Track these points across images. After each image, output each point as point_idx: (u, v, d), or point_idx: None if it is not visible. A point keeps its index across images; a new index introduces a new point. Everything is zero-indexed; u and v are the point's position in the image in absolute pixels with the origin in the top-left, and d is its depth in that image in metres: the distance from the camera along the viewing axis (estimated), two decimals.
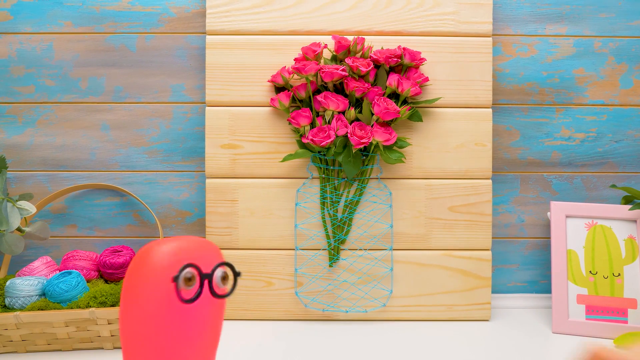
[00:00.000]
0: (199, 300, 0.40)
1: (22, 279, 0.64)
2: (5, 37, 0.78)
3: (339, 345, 0.67)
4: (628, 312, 0.70)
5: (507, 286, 0.82)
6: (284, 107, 0.71)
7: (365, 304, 0.74)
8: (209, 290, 0.40)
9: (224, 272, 0.41)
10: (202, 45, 0.78)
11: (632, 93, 0.80)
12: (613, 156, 0.81)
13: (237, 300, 0.74)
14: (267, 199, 0.74)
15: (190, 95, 0.79)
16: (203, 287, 0.40)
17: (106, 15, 0.78)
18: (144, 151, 0.80)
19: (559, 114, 0.80)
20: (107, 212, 0.80)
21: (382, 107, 0.68)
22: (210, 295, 0.41)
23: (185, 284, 0.39)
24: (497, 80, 0.80)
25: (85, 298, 0.63)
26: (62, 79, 0.79)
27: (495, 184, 0.81)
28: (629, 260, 0.72)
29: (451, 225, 0.74)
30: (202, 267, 0.40)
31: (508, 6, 0.79)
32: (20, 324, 0.62)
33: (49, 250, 0.80)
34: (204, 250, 0.42)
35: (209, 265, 0.41)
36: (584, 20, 0.79)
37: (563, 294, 0.72)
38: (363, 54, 0.72)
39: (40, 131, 0.79)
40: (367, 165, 0.73)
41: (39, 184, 0.80)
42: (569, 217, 0.75)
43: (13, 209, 0.67)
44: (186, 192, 0.80)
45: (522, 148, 0.81)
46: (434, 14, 0.73)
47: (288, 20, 0.74)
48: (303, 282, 0.74)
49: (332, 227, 0.73)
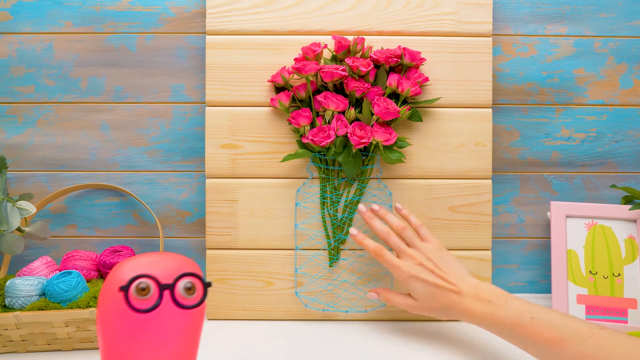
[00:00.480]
0: (159, 311, 0.41)
1: (22, 279, 0.64)
2: (5, 37, 0.78)
3: (339, 345, 0.67)
4: (628, 312, 0.71)
5: (507, 286, 0.82)
6: (284, 107, 0.71)
7: (365, 304, 0.74)
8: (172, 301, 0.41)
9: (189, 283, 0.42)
10: (202, 45, 0.79)
11: (632, 93, 0.80)
12: (613, 156, 0.81)
13: (237, 300, 0.74)
14: (267, 199, 0.74)
15: (190, 95, 0.79)
16: (162, 297, 0.40)
17: (106, 15, 0.78)
18: (144, 151, 0.80)
19: (559, 114, 0.80)
20: (107, 212, 0.80)
21: (382, 107, 0.68)
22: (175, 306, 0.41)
23: (139, 294, 0.40)
24: (497, 80, 0.80)
25: (85, 298, 0.63)
26: (62, 79, 0.79)
27: (495, 184, 0.81)
28: (629, 260, 0.72)
29: (451, 225, 0.74)
30: (162, 278, 0.41)
31: (508, 6, 0.79)
32: (20, 324, 0.62)
33: (49, 250, 0.80)
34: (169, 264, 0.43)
35: (171, 277, 0.42)
36: (584, 20, 0.79)
37: (563, 294, 0.72)
38: (363, 54, 0.72)
39: (40, 131, 0.79)
40: (367, 165, 0.73)
41: (39, 184, 0.80)
42: (569, 217, 0.75)
43: (13, 209, 0.67)
44: (186, 192, 0.80)
45: (522, 148, 0.81)
46: (434, 14, 0.73)
47: (288, 20, 0.74)
48: (303, 282, 0.74)
49: (332, 227, 0.73)
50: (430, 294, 0.62)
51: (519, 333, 0.54)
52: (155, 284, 0.41)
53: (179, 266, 0.43)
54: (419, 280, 0.63)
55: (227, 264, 0.74)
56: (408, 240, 0.66)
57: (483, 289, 0.60)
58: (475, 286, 0.61)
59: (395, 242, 0.66)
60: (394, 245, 0.66)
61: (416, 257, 0.64)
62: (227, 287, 0.74)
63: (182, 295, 0.41)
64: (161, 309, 0.41)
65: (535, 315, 0.54)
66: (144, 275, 0.41)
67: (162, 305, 0.41)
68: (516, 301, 0.57)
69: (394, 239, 0.66)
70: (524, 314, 0.55)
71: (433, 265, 0.63)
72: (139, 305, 0.40)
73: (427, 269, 0.63)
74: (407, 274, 0.63)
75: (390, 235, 0.67)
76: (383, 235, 0.67)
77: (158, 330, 0.41)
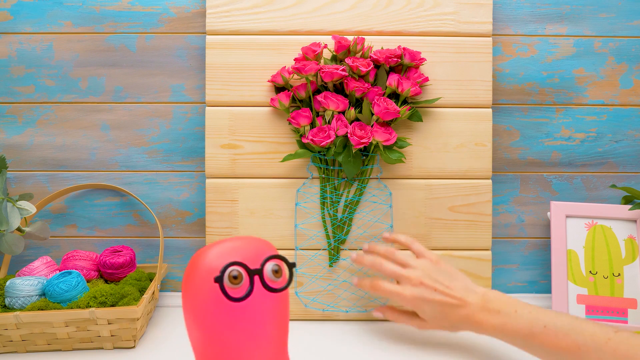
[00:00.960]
0: (252, 297, 0.40)
1: (22, 279, 0.64)
2: (5, 37, 0.78)
3: (339, 345, 0.67)
4: (628, 312, 0.71)
5: (507, 286, 0.82)
6: (284, 107, 0.71)
7: (365, 304, 0.74)
8: (262, 286, 0.40)
9: (276, 266, 0.41)
10: (202, 45, 0.78)
11: (632, 93, 0.80)
12: (613, 156, 0.81)
13: None
14: (267, 199, 0.74)
15: (190, 95, 0.79)
16: (254, 283, 0.40)
17: (106, 15, 0.78)
18: (144, 151, 0.80)
19: (559, 114, 0.80)
20: (107, 212, 0.80)
21: (382, 107, 0.68)
22: (265, 290, 0.41)
23: (232, 282, 0.39)
24: (497, 80, 0.80)
25: (85, 298, 0.63)
26: (62, 79, 0.79)
27: (495, 184, 0.81)
28: (629, 260, 0.72)
29: (451, 225, 0.74)
30: (250, 263, 0.41)
31: (508, 6, 0.79)
32: (20, 324, 0.62)
33: (49, 250, 0.80)
34: (251, 248, 0.42)
35: (258, 262, 0.41)
36: (584, 20, 0.79)
37: (563, 294, 0.72)
38: (363, 54, 0.72)
39: (40, 131, 0.79)
40: (367, 165, 0.73)
41: (39, 184, 0.80)
42: (569, 217, 0.75)
43: (13, 209, 0.67)
44: (186, 192, 0.80)
45: (522, 148, 0.81)
46: (434, 14, 0.73)
47: (288, 20, 0.74)
48: (303, 282, 0.74)
49: (332, 227, 0.73)
50: (437, 313, 0.59)
51: (533, 343, 0.53)
52: (245, 270, 0.40)
53: (262, 249, 0.43)
54: (424, 301, 0.60)
55: None
56: (401, 261, 0.63)
57: (490, 298, 0.58)
58: (482, 296, 0.59)
59: (389, 267, 0.63)
60: (389, 272, 0.63)
61: (415, 277, 0.61)
62: None
63: (271, 278, 0.41)
64: (253, 295, 0.40)
65: (548, 323, 0.53)
66: (234, 263, 0.40)
67: (255, 291, 0.40)
68: (525, 309, 0.56)
69: (387, 265, 0.64)
70: (536, 322, 0.54)
71: (434, 282, 0.60)
72: (234, 294, 0.39)
73: (429, 287, 0.60)
74: (410, 298, 0.60)
75: (382, 263, 0.64)
76: (376, 266, 0.64)
77: (253, 316, 0.40)
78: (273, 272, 0.41)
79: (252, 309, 0.41)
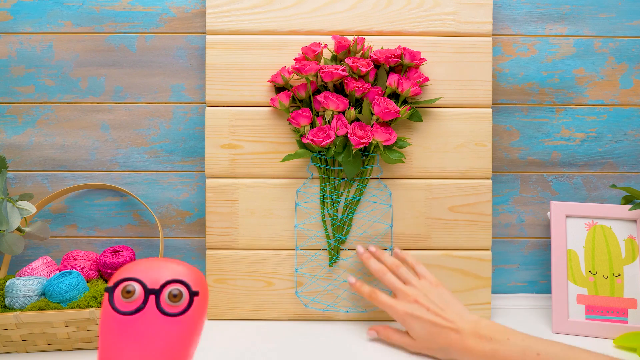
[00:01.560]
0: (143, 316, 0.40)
1: (22, 279, 0.64)
2: (5, 37, 0.78)
3: (339, 345, 0.67)
4: (628, 312, 0.71)
5: (507, 286, 0.82)
6: (284, 107, 0.71)
7: (366, 304, 0.74)
8: (155, 307, 0.41)
9: (176, 290, 0.41)
10: (202, 45, 0.79)
11: (632, 93, 0.80)
12: (613, 156, 0.81)
13: (237, 300, 0.74)
14: (267, 199, 0.74)
15: (190, 95, 0.79)
16: (147, 302, 0.40)
17: (106, 15, 0.78)
18: (144, 151, 0.80)
19: (559, 114, 0.80)
20: (107, 212, 0.80)
21: (382, 107, 0.68)
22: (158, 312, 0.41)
23: (124, 296, 0.40)
24: (497, 80, 0.80)
25: (85, 298, 0.63)
26: (62, 79, 0.79)
27: (495, 184, 0.81)
28: (629, 260, 0.72)
29: (451, 225, 0.74)
30: (150, 283, 0.41)
31: (508, 6, 0.79)
32: (20, 324, 0.62)
33: (49, 250, 0.80)
34: (163, 270, 0.42)
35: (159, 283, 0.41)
36: (584, 20, 0.79)
37: (563, 294, 0.72)
38: (363, 54, 0.72)
39: (40, 131, 0.79)
40: (367, 165, 0.73)
41: (39, 184, 0.80)
42: (569, 217, 0.75)
43: (13, 209, 0.67)
44: (186, 192, 0.80)
45: (522, 148, 0.81)
46: (434, 14, 0.73)
47: (288, 20, 0.74)
48: (303, 282, 0.74)
49: (332, 227, 0.73)
50: (427, 333, 0.60)
51: None
52: (142, 288, 0.41)
53: (170, 273, 0.43)
54: (415, 318, 0.61)
55: (227, 264, 0.74)
56: (403, 277, 0.66)
57: (482, 325, 0.58)
58: (475, 323, 0.59)
59: (390, 280, 0.65)
60: (389, 283, 0.65)
61: (411, 295, 0.62)
62: (227, 287, 0.74)
63: (167, 302, 0.41)
64: (146, 314, 0.40)
65: (541, 351, 0.53)
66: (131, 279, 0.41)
67: (146, 310, 0.40)
68: (518, 337, 0.55)
69: (389, 277, 0.66)
70: (529, 350, 0.53)
71: (429, 302, 0.61)
72: (122, 307, 0.40)
73: (423, 306, 0.61)
74: (402, 312, 0.62)
75: (385, 273, 0.66)
76: (378, 274, 0.67)
77: (142, 335, 0.41)
78: (171, 295, 0.41)
79: (142, 328, 0.41)
